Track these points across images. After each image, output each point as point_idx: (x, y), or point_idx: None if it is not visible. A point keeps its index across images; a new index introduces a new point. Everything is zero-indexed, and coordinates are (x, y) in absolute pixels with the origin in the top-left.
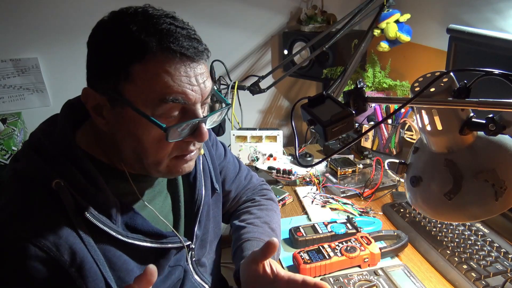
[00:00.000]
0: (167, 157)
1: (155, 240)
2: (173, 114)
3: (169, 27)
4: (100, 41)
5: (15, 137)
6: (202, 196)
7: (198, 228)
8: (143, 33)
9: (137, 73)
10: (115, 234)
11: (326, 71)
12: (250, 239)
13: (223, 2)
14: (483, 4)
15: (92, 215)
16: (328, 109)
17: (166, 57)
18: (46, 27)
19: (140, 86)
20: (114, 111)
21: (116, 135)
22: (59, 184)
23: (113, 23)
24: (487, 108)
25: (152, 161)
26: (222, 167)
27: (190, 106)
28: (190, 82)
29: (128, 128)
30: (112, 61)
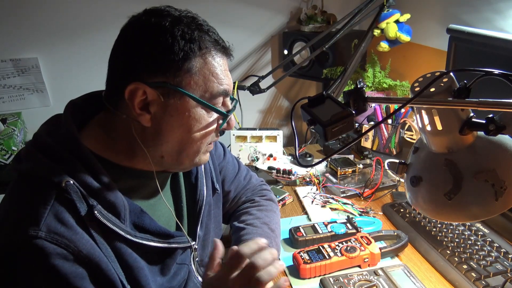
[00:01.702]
0: (205, 145)
1: (162, 240)
2: (220, 105)
3: (209, 27)
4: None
5: (15, 137)
6: (204, 196)
7: (200, 228)
8: (199, 29)
9: (198, 66)
10: (124, 233)
11: (326, 71)
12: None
13: (223, 2)
14: (483, 4)
15: (102, 214)
16: (328, 109)
17: (218, 52)
18: (46, 27)
19: (200, 78)
20: (167, 104)
21: (161, 128)
22: (69, 183)
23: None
24: (487, 108)
25: (193, 150)
26: (222, 167)
27: (227, 98)
28: (228, 75)
29: (181, 119)
30: (174, 55)
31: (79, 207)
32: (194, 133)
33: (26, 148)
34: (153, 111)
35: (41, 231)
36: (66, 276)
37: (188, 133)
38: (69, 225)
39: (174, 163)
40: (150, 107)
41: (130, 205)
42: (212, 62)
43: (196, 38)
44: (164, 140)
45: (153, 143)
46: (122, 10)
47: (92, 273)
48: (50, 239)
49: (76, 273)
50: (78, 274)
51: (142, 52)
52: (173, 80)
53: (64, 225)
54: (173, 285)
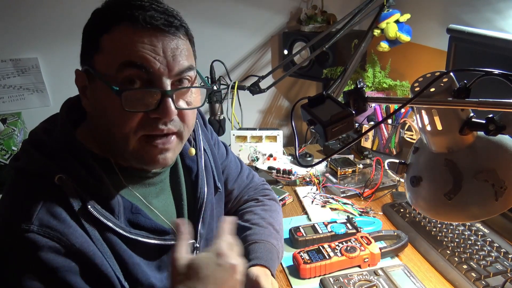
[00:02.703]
0: (133, 134)
1: (158, 236)
2: (136, 83)
3: (143, 3)
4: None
5: (15, 137)
6: (204, 194)
7: (202, 227)
8: (114, 7)
9: (105, 44)
10: (118, 229)
11: (326, 71)
12: (257, 241)
13: (223, 3)
14: (483, 4)
15: (95, 209)
16: (328, 109)
17: (132, 26)
18: (46, 27)
19: (106, 55)
20: (92, 87)
21: (95, 115)
22: (62, 179)
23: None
24: (487, 108)
25: (119, 138)
26: (225, 166)
27: (155, 76)
28: (154, 51)
29: (100, 102)
30: (88, 36)
31: (72, 201)
32: (110, 116)
33: (22, 145)
34: (88, 95)
35: (33, 225)
36: (58, 270)
37: (108, 117)
38: (62, 219)
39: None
40: (87, 91)
41: (124, 202)
42: (120, 37)
43: (109, 15)
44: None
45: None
46: None
47: (85, 267)
48: (42, 233)
49: (69, 267)
50: (70, 268)
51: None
52: (89, 61)
53: (56, 219)
54: None
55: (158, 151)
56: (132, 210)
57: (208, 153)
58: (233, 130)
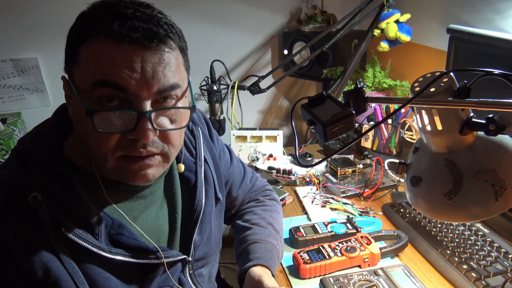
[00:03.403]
0: (111, 154)
1: (142, 255)
2: (112, 103)
3: (126, 11)
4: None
5: (15, 137)
6: (202, 206)
7: (198, 240)
8: (94, 16)
9: (81, 55)
10: (95, 249)
11: (326, 71)
12: (258, 241)
13: (223, 3)
14: (483, 4)
15: (70, 231)
16: (328, 109)
17: (110, 39)
18: (46, 27)
19: (82, 69)
20: (74, 99)
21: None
22: (36, 198)
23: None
24: (487, 108)
25: (98, 156)
26: (229, 174)
27: (131, 96)
28: (131, 67)
29: (81, 118)
30: (68, 44)
31: (44, 224)
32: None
33: (10, 154)
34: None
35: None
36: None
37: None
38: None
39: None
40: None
41: (106, 220)
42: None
43: (88, 25)
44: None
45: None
46: None
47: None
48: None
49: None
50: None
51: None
52: (69, 71)
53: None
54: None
55: (138, 168)
56: (115, 227)
57: (210, 162)
58: (233, 130)
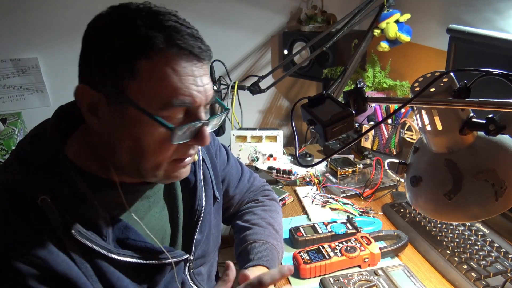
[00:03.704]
0: (167, 160)
1: (149, 255)
2: (178, 116)
3: (175, 25)
4: (101, 35)
5: (15, 137)
6: (202, 206)
7: (198, 239)
8: (149, 28)
9: (143, 71)
10: (104, 251)
11: (326, 71)
12: (258, 241)
13: (223, 2)
14: (483, 4)
15: (80, 233)
16: (328, 109)
17: (174, 54)
18: (46, 27)
19: (146, 85)
20: (112, 110)
21: (111, 136)
22: (45, 201)
23: (116, 18)
24: (487, 108)
25: (150, 165)
26: (226, 173)
27: (194, 108)
28: (195, 83)
29: (128, 129)
30: (115, 56)
31: (54, 226)
32: (145, 145)
33: (9, 157)
34: (101, 116)
35: (14, 251)
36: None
37: (138, 145)
38: (44, 244)
39: (138, 175)
40: (99, 112)
41: (113, 221)
42: (163, 67)
43: (143, 37)
44: (116, 149)
45: (109, 152)
46: None
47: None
48: (23, 260)
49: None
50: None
51: (89, 52)
52: (116, 84)
53: (39, 245)
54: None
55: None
56: (122, 228)
57: (207, 163)
58: (233, 130)
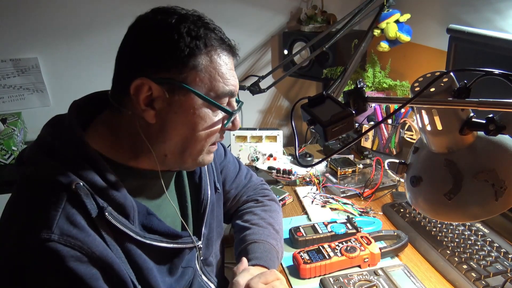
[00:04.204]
0: (209, 144)
1: (171, 240)
2: (225, 104)
3: (215, 26)
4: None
5: (15, 137)
6: (208, 196)
7: (204, 228)
8: (205, 27)
9: (204, 63)
10: (134, 235)
11: (326, 71)
12: (257, 241)
13: (223, 2)
14: (483, 4)
15: (112, 216)
16: (328, 109)
17: (223, 50)
18: (46, 27)
19: (206, 76)
20: (172, 100)
21: (165, 125)
22: (79, 186)
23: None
24: (487, 108)
25: (196, 150)
26: (223, 166)
27: (233, 98)
28: (234, 75)
29: (186, 116)
30: (180, 52)
31: (90, 209)
32: (198, 131)
33: (30, 150)
34: (158, 107)
35: (54, 234)
36: (82, 278)
37: (192, 131)
38: (81, 227)
39: (177, 162)
40: (155, 103)
41: (138, 206)
42: (218, 61)
43: (202, 35)
44: (168, 137)
45: (157, 141)
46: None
47: (105, 274)
48: (63, 242)
49: (91, 274)
50: (92, 276)
51: (148, 48)
52: (178, 76)
53: (76, 227)
54: (181, 285)
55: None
56: (145, 214)
57: None
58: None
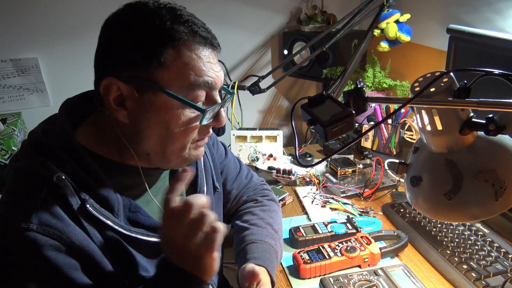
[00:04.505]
0: (191, 141)
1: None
2: (202, 99)
3: (192, 18)
4: (127, 31)
5: (15, 137)
6: (204, 193)
7: None
8: (173, 21)
9: (171, 59)
10: (117, 227)
11: (326, 71)
12: (255, 242)
13: (223, 2)
14: (483, 4)
15: (94, 208)
16: (328, 109)
17: (197, 43)
18: (46, 27)
19: (174, 72)
20: (142, 100)
21: (139, 125)
22: (60, 178)
23: (140, 14)
24: (487, 108)
25: (177, 148)
26: (224, 166)
27: (213, 91)
28: (213, 68)
29: (158, 115)
30: (144, 48)
31: (70, 200)
32: (174, 129)
33: (22, 146)
34: (129, 107)
35: (32, 224)
36: (60, 267)
37: (167, 130)
38: (61, 217)
39: (162, 160)
40: (126, 103)
41: (124, 200)
42: (189, 54)
43: (168, 29)
44: (144, 136)
45: (135, 140)
46: None
47: (85, 265)
48: (42, 231)
49: (70, 264)
50: (71, 265)
51: (114, 46)
52: (145, 74)
53: (55, 218)
54: None
55: (200, 147)
56: (131, 209)
57: (207, 153)
58: (233, 130)
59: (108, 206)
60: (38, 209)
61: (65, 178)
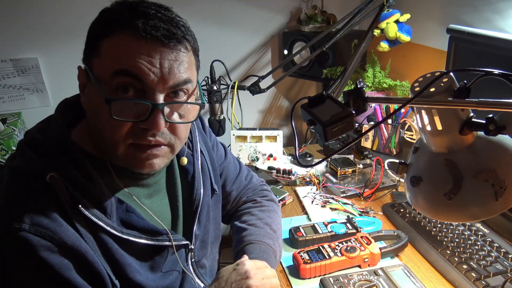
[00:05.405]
0: (122, 141)
1: (150, 237)
2: (128, 93)
3: (148, 11)
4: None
5: (15, 137)
6: (200, 196)
7: (197, 229)
8: (120, 12)
9: (103, 47)
10: (109, 228)
11: (326, 71)
12: (253, 242)
13: (223, 2)
14: (483, 4)
15: (87, 208)
16: (328, 109)
17: (133, 35)
18: (46, 27)
19: (103, 60)
20: (89, 88)
21: (90, 114)
22: (53, 177)
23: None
24: (487, 108)
25: (109, 144)
26: (223, 168)
27: (148, 87)
28: (151, 62)
29: (95, 106)
30: (90, 36)
31: (63, 200)
32: (103, 120)
33: (18, 145)
34: (86, 94)
35: (25, 224)
36: (52, 268)
37: (99, 121)
38: (53, 217)
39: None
40: (85, 90)
41: (117, 202)
42: (118, 42)
43: (112, 20)
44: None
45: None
46: None
47: (77, 265)
48: (34, 231)
49: (62, 264)
50: (64, 265)
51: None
52: (88, 62)
53: (48, 218)
54: (167, 283)
55: (145, 157)
56: (125, 210)
57: (205, 154)
58: (233, 130)
59: (101, 207)
60: (31, 209)
61: (58, 178)
